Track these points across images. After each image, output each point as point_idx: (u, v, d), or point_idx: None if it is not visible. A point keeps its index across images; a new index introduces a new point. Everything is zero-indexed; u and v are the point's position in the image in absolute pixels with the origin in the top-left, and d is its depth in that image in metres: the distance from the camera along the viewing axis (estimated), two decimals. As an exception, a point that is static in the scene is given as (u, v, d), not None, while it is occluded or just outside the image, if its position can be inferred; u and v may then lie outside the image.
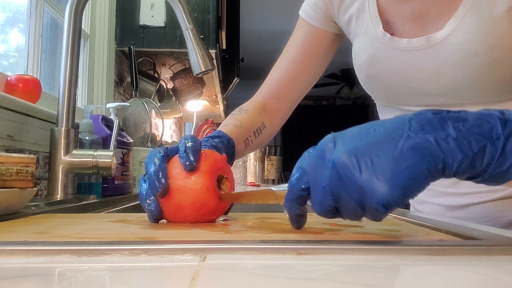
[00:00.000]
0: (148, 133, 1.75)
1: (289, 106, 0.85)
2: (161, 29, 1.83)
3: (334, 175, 0.36)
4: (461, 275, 0.32)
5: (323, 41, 0.81)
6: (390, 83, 0.71)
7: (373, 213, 0.36)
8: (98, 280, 0.29)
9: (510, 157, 0.35)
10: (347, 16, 0.76)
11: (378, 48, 0.71)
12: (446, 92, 0.67)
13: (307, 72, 0.83)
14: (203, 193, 0.49)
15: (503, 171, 0.35)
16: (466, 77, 0.63)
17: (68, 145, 0.88)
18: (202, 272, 0.29)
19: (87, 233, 0.43)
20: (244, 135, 0.75)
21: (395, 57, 0.69)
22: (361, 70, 0.75)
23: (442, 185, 0.72)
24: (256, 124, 0.79)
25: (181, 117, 3.19)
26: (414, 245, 0.38)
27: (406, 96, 0.71)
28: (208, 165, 0.50)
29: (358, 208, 0.36)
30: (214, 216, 0.52)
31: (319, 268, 0.32)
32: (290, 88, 0.84)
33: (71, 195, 0.87)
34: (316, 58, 0.82)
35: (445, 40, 0.64)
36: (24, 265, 0.32)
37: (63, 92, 0.89)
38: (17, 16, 1.31)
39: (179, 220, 0.51)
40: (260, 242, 0.37)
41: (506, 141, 0.35)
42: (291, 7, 4.55)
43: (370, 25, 0.72)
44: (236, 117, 0.77)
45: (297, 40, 0.83)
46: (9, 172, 0.54)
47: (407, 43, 0.68)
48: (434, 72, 0.66)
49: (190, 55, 0.92)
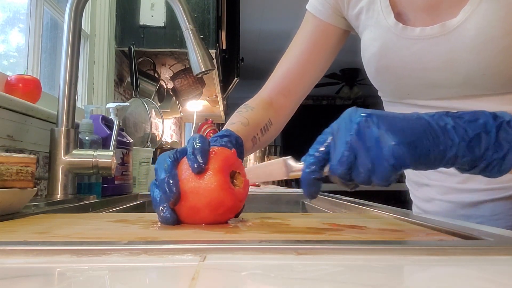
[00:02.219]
0: (148, 133, 1.75)
1: (295, 101, 0.85)
2: (161, 29, 1.83)
3: (358, 130, 0.41)
4: (461, 274, 0.32)
5: (330, 36, 0.81)
6: (402, 74, 0.70)
7: (384, 168, 0.40)
8: (98, 280, 0.29)
9: (505, 144, 0.41)
10: (357, 9, 0.75)
11: (389, 38, 0.70)
12: (459, 82, 0.65)
13: (314, 68, 0.82)
14: (218, 192, 0.48)
15: (501, 157, 0.41)
16: (481, 65, 0.63)
17: (68, 145, 0.88)
18: (202, 272, 0.29)
19: (87, 233, 0.43)
20: (252, 133, 0.74)
21: (407, 47, 0.68)
22: (370, 62, 0.74)
23: (454, 181, 0.71)
24: (263, 121, 0.78)
25: (181, 117, 3.19)
26: (414, 245, 0.38)
27: (417, 88, 0.70)
28: (220, 163, 0.49)
29: (373, 164, 0.40)
30: (232, 215, 0.51)
31: (319, 268, 0.32)
32: (296, 84, 0.83)
33: (71, 195, 0.87)
34: (323, 54, 0.82)
35: (461, 26, 0.63)
36: (24, 265, 0.32)
37: (63, 92, 0.89)
38: (17, 16, 1.31)
39: (197, 222, 0.49)
40: (260, 242, 0.37)
41: (498, 130, 0.41)
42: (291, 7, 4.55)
43: (381, 16, 0.71)
44: (243, 114, 0.76)
45: (304, 35, 0.82)
46: (9, 172, 0.54)
47: (420, 32, 0.67)
48: (448, 60, 0.65)
49: (190, 55, 0.92)
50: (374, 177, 0.41)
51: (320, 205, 1.09)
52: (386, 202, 0.81)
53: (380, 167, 0.40)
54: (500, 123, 0.42)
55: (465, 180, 0.70)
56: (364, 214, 0.67)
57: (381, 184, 0.41)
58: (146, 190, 1.31)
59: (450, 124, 0.41)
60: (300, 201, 1.33)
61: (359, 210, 0.75)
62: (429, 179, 0.76)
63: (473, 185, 0.70)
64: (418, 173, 0.79)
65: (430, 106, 0.69)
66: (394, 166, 0.40)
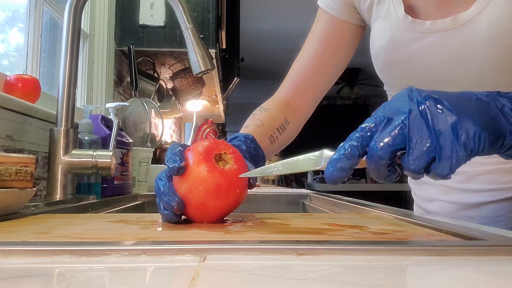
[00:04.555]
0: (148, 133, 1.75)
1: (312, 100, 0.83)
2: (161, 29, 1.83)
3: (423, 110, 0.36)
4: (461, 275, 0.32)
5: (344, 32, 0.79)
6: (410, 68, 0.69)
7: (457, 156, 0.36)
8: (98, 280, 0.29)
9: None
10: (368, 1, 0.74)
11: (398, 31, 0.68)
12: (470, 77, 0.64)
13: (329, 65, 0.81)
14: (207, 179, 0.48)
15: None
16: (492, 59, 0.62)
17: (68, 145, 0.87)
18: (202, 272, 0.29)
19: (86, 234, 0.43)
20: (267, 133, 0.73)
21: (417, 40, 0.67)
22: (378, 55, 0.73)
23: (456, 181, 0.71)
24: (278, 121, 0.77)
25: (181, 117, 3.19)
26: (414, 245, 0.37)
27: (425, 83, 0.68)
28: (197, 154, 0.49)
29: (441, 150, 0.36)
30: (239, 191, 0.50)
31: (319, 269, 0.32)
32: (312, 82, 0.82)
33: (70, 195, 0.87)
34: (337, 51, 0.80)
35: (473, 20, 0.62)
36: (24, 266, 0.31)
37: (63, 92, 0.89)
38: (16, 15, 1.31)
39: (212, 217, 0.50)
40: (260, 243, 0.37)
41: None
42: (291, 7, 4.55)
43: (392, 8, 0.70)
44: (257, 116, 0.76)
45: (317, 32, 0.81)
46: (8, 172, 0.54)
47: (430, 25, 0.66)
48: (459, 54, 0.64)
49: (190, 54, 0.91)
50: (438, 165, 0.36)
51: (320, 205, 1.09)
52: (386, 202, 0.81)
53: (451, 153, 0.35)
54: None
55: (467, 180, 0.70)
56: (364, 215, 0.67)
57: (441, 177, 0.37)
58: (145, 190, 1.31)
59: (508, 106, 0.38)
60: (300, 201, 1.32)
61: (359, 211, 0.75)
62: (430, 178, 0.76)
63: (475, 185, 0.69)
64: None
65: None
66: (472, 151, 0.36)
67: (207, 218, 0.50)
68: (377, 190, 5.09)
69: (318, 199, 1.17)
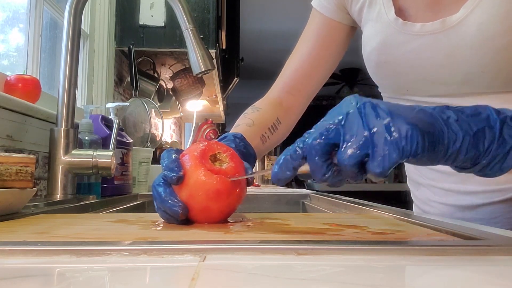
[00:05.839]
0: (148, 133, 1.75)
1: (305, 100, 0.84)
2: (161, 29, 1.83)
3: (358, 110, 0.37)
4: (461, 275, 0.32)
5: (337, 33, 0.80)
6: (401, 70, 0.70)
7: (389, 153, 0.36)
8: (98, 280, 0.29)
9: (509, 140, 0.39)
10: (359, 4, 0.75)
11: (389, 33, 0.69)
12: (459, 79, 0.65)
13: (321, 65, 0.82)
14: (207, 181, 0.48)
15: (505, 152, 0.39)
16: (481, 61, 0.62)
17: (68, 145, 0.88)
18: (202, 272, 0.29)
19: (86, 233, 0.43)
20: (258, 132, 0.74)
21: (407, 43, 0.68)
22: (370, 57, 0.73)
23: (451, 181, 0.71)
24: (270, 120, 0.78)
25: (181, 117, 3.19)
26: (414, 245, 0.38)
27: (416, 84, 0.70)
28: (192, 159, 0.49)
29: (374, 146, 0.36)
30: (238, 189, 0.50)
31: (319, 269, 0.32)
32: (305, 82, 0.82)
33: (70, 195, 0.87)
34: (330, 51, 0.81)
35: (462, 22, 0.63)
36: (24, 265, 0.31)
37: (63, 92, 0.89)
38: (16, 15, 1.31)
39: (217, 218, 0.50)
40: (260, 242, 0.37)
41: (502, 126, 0.39)
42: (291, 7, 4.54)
43: (382, 11, 0.70)
44: (248, 116, 0.76)
45: (310, 32, 0.81)
46: (9, 172, 0.54)
47: (420, 28, 0.66)
48: (448, 56, 0.65)
49: (190, 55, 0.91)
50: (372, 163, 0.36)
51: (320, 205, 1.09)
52: (386, 202, 0.81)
53: (383, 151, 0.36)
54: (504, 117, 0.40)
55: (463, 181, 0.70)
56: (364, 214, 0.67)
57: (377, 175, 0.36)
58: (145, 190, 1.31)
59: (452, 118, 0.39)
60: (300, 201, 1.33)
61: (359, 210, 0.75)
62: (426, 179, 0.76)
63: (470, 186, 0.69)
64: (417, 172, 0.79)
65: (429, 103, 0.69)
66: (404, 150, 0.36)
67: (212, 219, 0.50)
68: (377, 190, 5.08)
69: (318, 199, 1.17)
